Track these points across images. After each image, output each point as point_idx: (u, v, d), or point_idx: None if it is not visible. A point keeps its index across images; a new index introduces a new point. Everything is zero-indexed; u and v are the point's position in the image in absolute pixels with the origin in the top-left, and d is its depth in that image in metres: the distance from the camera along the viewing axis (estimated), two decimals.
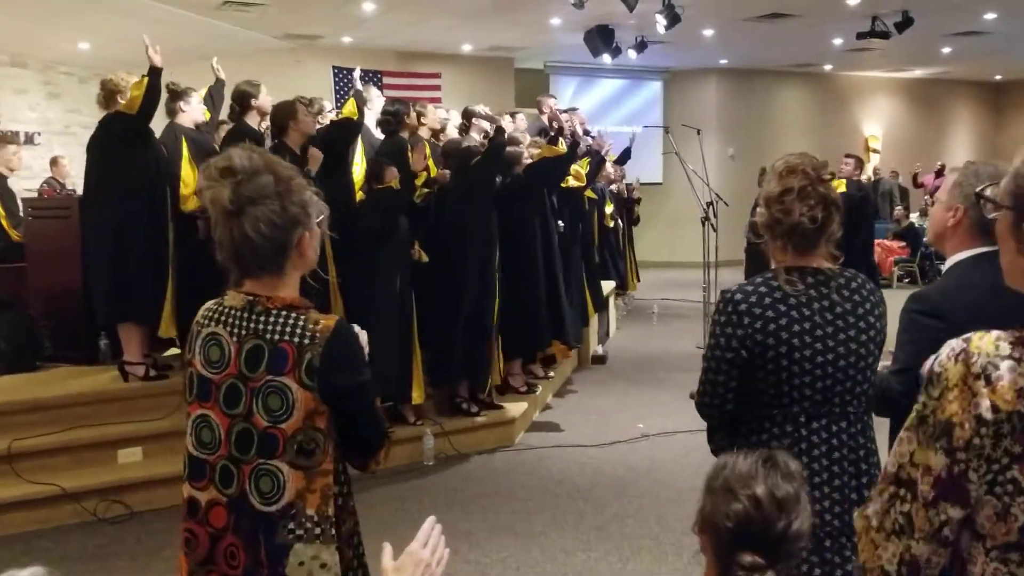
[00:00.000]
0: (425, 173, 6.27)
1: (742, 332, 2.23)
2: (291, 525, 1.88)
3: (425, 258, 6.08)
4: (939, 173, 18.36)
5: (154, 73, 5.42)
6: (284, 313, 1.92)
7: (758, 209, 2.33)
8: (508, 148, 6.71)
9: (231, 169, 1.87)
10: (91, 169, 5.75)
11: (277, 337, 1.89)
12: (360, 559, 2.03)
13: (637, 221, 14.07)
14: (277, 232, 1.88)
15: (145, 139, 5.66)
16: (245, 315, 1.92)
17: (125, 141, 5.55)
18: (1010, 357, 1.14)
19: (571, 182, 7.73)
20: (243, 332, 1.91)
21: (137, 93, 5.40)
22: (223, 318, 1.95)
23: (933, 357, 1.23)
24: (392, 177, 5.81)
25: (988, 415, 1.12)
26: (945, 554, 1.17)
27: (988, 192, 1.34)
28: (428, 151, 6.51)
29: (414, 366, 6.05)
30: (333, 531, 1.92)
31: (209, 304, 2.02)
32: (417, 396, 6.11)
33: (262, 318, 1.91)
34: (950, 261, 2.52)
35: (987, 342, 1.17)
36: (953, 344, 1.21)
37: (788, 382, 2.22)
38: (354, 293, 5.82)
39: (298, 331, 1.89)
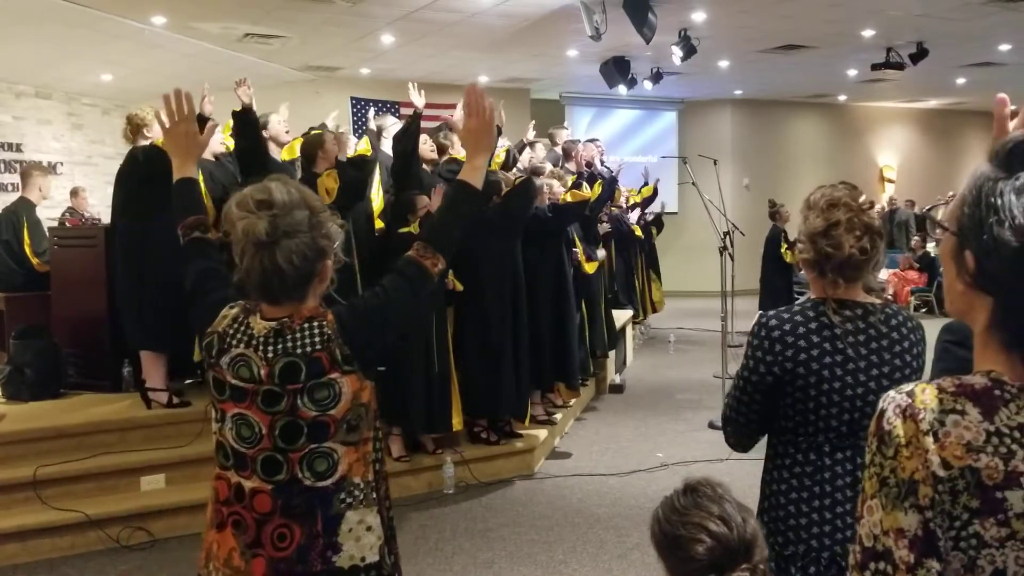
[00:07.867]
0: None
1: (771, 358, 2.24)
2: (342, 495, 1.98)
3: (460, 287, 6.12)
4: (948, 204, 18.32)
5: (202, 120, 5.60)
6: (307, 326, 1.97)
7: (799, 245, 2.33)
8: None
9: (269, 203, 1.93)
10: (121, 200, 5.84)
11: (309, 350, 1.95)
12: (391, 520, 2.11)
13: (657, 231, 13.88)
14: (306, 263, 1.95)
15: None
16: (271, 340, 1.97)
17: (160, 174, 5.65)
18: (954, 411, 1.12)
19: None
20: (271, 355, 1.96)
21: None
22: (251, 341, 1.98)
23: (878, 413, 1.18)
24: (424, 206, 5.92)
25: (942, 472, 1.10)
26: None
27: (938, 214, 1.29)
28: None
29: (452, 394, 6.08)
30: (375, 495, 2.03)
31: (235, 313, 2.04)
32: (457, 423, 6.13)
33: (288, 337, 1.97)
34: None
35: (930, 396, 1.14)
36: (897, 400, 1.16)
37: (815, 411, 2.23)
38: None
39: (324, 337, 1.96)
